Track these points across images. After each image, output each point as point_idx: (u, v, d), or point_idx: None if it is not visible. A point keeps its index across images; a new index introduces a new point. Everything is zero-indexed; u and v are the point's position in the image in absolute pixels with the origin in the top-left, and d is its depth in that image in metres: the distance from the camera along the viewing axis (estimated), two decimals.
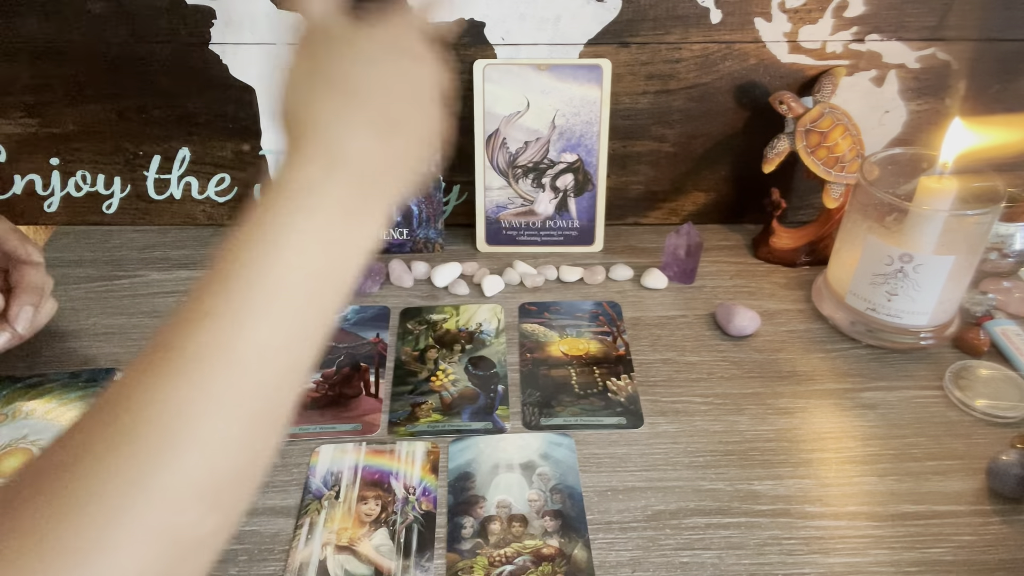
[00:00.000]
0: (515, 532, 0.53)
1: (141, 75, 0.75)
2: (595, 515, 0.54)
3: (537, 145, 0.76)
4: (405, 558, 0.52)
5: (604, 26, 0.72)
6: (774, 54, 0.74)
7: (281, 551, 0.52)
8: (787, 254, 0.78)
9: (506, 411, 0.63)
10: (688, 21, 0.72)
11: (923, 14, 0.72)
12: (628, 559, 0.52)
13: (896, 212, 0.64)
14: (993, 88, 0.76)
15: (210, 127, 0.78)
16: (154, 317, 0.71)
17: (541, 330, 0.70)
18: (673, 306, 0.73)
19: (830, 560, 0.51)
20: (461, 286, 0.75)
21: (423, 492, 0.56)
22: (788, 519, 0.54)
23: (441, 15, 0.46)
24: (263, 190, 0.35)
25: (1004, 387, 0.64)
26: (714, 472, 0.57)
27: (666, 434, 0.61)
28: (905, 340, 0.67)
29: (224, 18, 0.72)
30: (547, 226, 0.79)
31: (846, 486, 0.56)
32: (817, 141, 0.73)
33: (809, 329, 0.71)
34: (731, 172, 0.81)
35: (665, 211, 0.84)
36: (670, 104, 0.77)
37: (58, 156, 0.79)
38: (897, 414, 0.62)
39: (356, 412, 0.63)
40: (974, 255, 0.64)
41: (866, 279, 0.66)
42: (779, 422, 0.61)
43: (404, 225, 0.79)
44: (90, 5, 0.71)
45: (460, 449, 0.59)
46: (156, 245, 0.81)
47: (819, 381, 0.65)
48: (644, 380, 0.65)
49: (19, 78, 0.75)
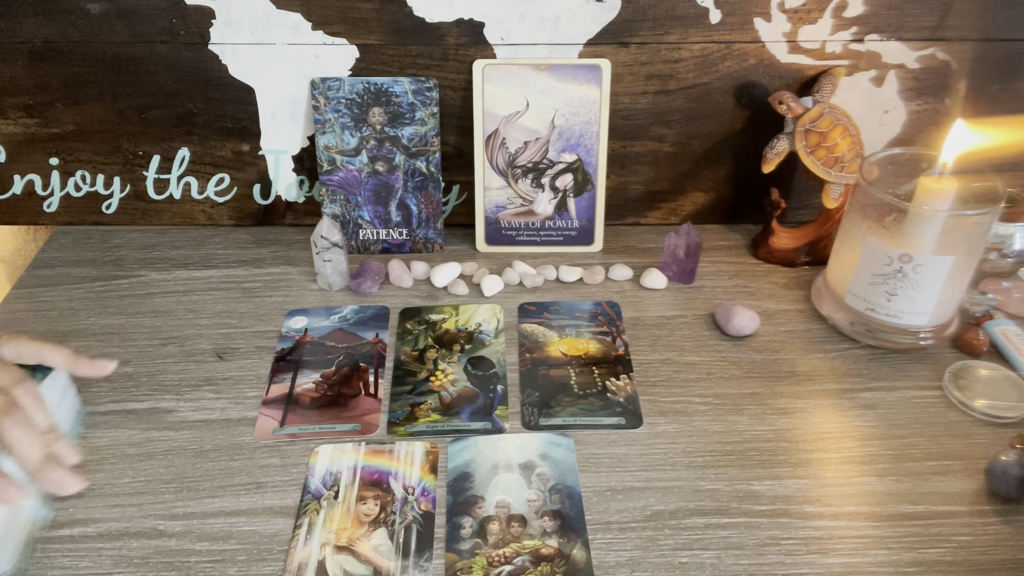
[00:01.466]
0: (514, 532, 0.53)
1: (141, 75, 0.75)
2: (594, 515, 0.54)
3: (536, 145, 0.76)
4: (404, 558, 0.52)
5: (603, 26, 0.72)
6: (773, 54, 0.74)
7: (280, 551, 0.52)
8: (787, 254, 0.78)
9: (505, 411, 0.63)
10: (687, 21, 0.72)
11: (923, 14, 0.72)
12: (627, 559, 0.52)
13: (896, 212, 0.63)
14: (993, 88, 0.76)
15: (210, 127, 0.78)
16: (154, 317, 0.71)
17: (540, 330, 0.70)
18: (672, 306, 0.73)
19: (829, 560, 0.51)
20: (460, 286, 0.75)
21: (422, 492, 0.56)
22: (787, 519, 0.54)
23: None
24: None
25: (1003, 387, 0.64)
26: (713, 472, 0.57)
27: (665, 434, 0.61)
28: (904, 340, 0.67)
29: (224, 18, 0.72)
30: (546, 226, 0.79)
31: (845, 486, 0.56)
32: (816, 141, 0.73)
33: (808, 329, 0.71)
34: (731, 172, 0.81)
35: (664, 211, 0.84)
36: (670, 104, 0.77)
37: (58, 156, 0.79)
38: (896, 414, 0.62)
39: (355, 412, 0.63)
40: (973, 255, 0.64)
41: (865, 279, 0.66)
42: (778, 422, 0.61)
43: (404, 225, 0.79)
44: (90, 5, 0.71)
45: (459, 449, 0.59)
46: (156, 245, 0.81)
47: (818, 381, 0.65)
48: (643, 380, 0.65)
49: (19, 78, 0.75)
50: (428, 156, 0.76)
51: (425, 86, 0.74)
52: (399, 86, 0.74)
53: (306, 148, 0.79)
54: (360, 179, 0.77)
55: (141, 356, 0.67)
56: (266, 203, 0.82)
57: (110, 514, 0.54)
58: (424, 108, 0.74)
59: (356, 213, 0.78)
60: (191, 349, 0.68)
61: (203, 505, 0.55)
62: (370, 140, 0.76)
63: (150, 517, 0.54)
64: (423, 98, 0.74)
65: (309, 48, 0.73)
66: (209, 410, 0.63)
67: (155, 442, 0.60)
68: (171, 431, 0.61)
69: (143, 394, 0.64)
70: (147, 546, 0.52)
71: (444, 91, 0.75)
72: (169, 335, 0.70)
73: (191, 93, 0.76)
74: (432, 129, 0.75)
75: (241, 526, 0.54)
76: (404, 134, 0.75)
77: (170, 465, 0.58)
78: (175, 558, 0.52)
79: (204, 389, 0.64)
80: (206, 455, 0.59)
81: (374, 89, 0.74)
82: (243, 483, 0.57)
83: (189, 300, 0.73)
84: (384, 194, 0.77)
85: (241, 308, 0.73)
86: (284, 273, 0.77)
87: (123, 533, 0.53)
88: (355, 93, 0.74)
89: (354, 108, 0.74)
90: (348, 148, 0.76)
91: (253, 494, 0.56)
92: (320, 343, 0.69)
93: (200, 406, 0.63)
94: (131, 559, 0.52)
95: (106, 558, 0.52)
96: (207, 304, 0.73)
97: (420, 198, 0.78)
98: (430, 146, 0.76)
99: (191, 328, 0.70)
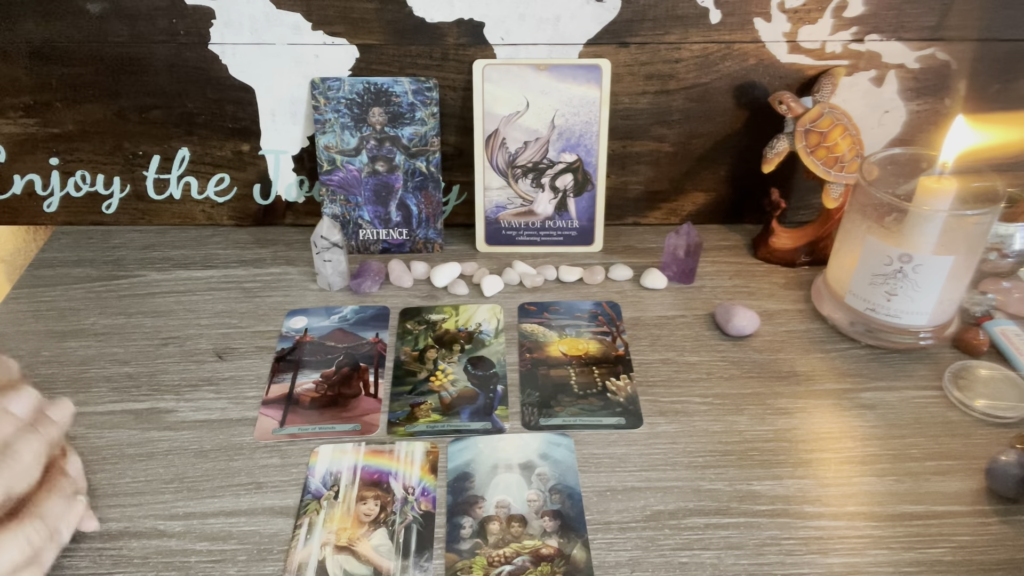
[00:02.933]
0: (514, 532, 0.53)
1: (141, 75, 0.75)
2: (594, 515, 0.54)
3: (536, 145, 0.76)
4: (404, 558, 0.52)
5: (603, 26, 0.72)
6: (773, 54, 0.74)
7: (280, 551, 0.52)
8: (787, 254, 0.78)
9: (505, 411, 0.63)
10: (687, 21, 0.72)
11: (923, 14, 0.72)
12: (627, 559, 0.52)
13: (896, 212, 0.63)
14: (993, 88, 0.76)
15: (209, 127, 0.78)
16: (154, 317, 0.71)
17: (540, 330, 0.70)
18: (672, 306, 0.73)
19: (829, 560, 0.51)
20: (460, 286, 0.75)
21: (422, 492, 0.56)
22: (787, 519, 0.54)
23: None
24: None
25: (1003, 387, 0.64)
26: (713, 472, 0.57)
27: (665, 434, 0.61)
28: (904, 340, 0.67)
29: (224, 18, 0.72)
30: (546, 226, 0.79)
31: (845, 486, 0.56)
32: (816, 141, 0.73)
33: (808, 329, 0.71)
34: (731, 172, 0.81)
35: (665, 211, 0.84)
36: (670, 104, 0.77)
37: (57, 156, 0.79)
38: (896, 414, 0.62)
39: (355, 412, 0.63)
40: (973, 255, 0.64)
41: (865, 279, 0.66)
42: (778, 422, 0.61)
43: (404, 225, 0.79)
44: (90, 5, 0.71)
45: (459, 449, 0.59)
46: (156, 245, 0.81)
47: (818, 381, 0.65)
48: (643, 380, 0.65)
49: (19, 78, 0.75)
50: (428, 156, 0.76)
51: (425, 86, 0.74)
52: (399, 86, 0.74)
53: (306, 148, 0.79)
54: (360, 179, 0.77)
55: (141, 356, 0.67)
56: (266, 203, 0.82)
57: (110, 514, 0.54)
58: (424, 108, 0.75)
59: (356, 213, 0.78)
60: (191, 349, 0.68)
61: (203, 505, 0.55)
62: (370, 140, 0.76)
63: (150, 517, 0.54)
64: (423, 98, 0.74)
65: (309, 48, 0.73)
66: (209, 410, 0.63)
67: (155, 442, 0.60)
68: (171, 431, 0.61)
69: (143, 394, 0.64)
70: (147, 546, 0.52)
71: (444, 91, 0.75)
72: (169, 335, 0.70)
73: (191, 93, 0.76)
74: (432, 129, 0.75)
75: (241, 526, 0.54)
76: (404, 134, 0.75)
77: (170, 465, 0.58)
78: (175, 558, 0.52)
79: (204, 389, 0.64)
80: (206, 455, 0.59)
81: (374, 89, 0.74)
82: (243, 483, 0.57)
83: (189, 300, 0.73)
84: (384, 194, 0.77)
85: (241, 308, 0.73)
86: (284, 273, 0.77)
87: (123, 533, 0.53)
88: (355, 93, 0.74)
89: (354, 108, 0.74)
90: (348, 148, 0.76)
91: (253, 494, 0.56)
92: (320, 343, 0.69)
93: (200, 406, 0.63)
94: (131, 559, 0.52)
95: (106, 558, 0.52)
96: (207, 304, 0.73)
97: (420, 198, 0.78)
98: (430, 146, 0.76)
99: (191, 328, 0.70)
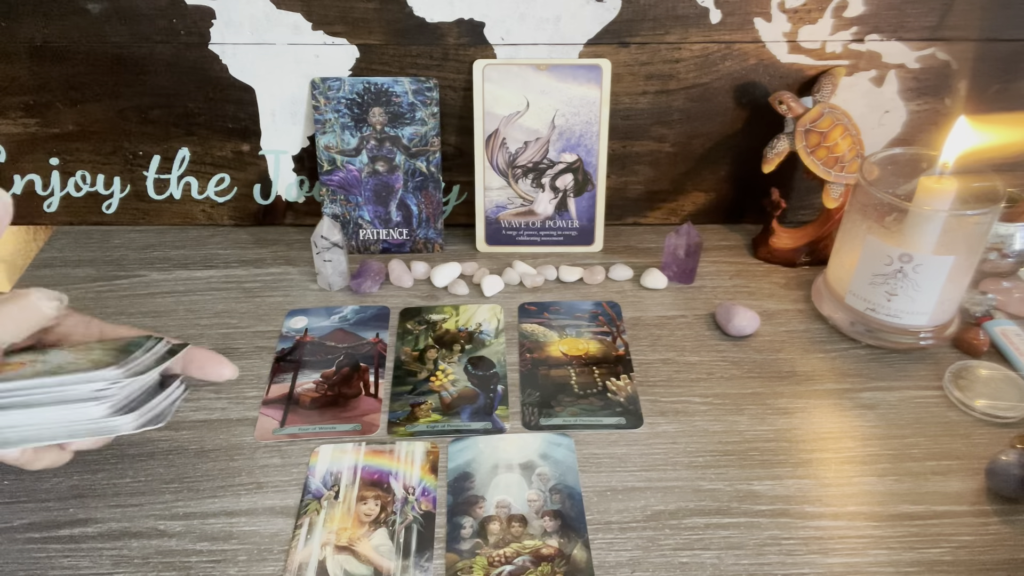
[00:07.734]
0: (514, 532, 0.53)
1: (141, 75, 0.75)
2: (594, 515, 0.54)
3: (537, 145, 0.76)
4: (404, 558, 0.52)
5: (604, 26, 0.72)
6: (774, 54, 0.74)
7: (280, 551, 0.52)
8: (787, 254, 0.78)
9: (505, 411, 0.63)
10: (688, 21, 0.72)
11: (923, 14, 0.72)
12: (627, 559, 0.52)
13: (896, 212, 0.63)
14: (993, 88, 0.76)
15: (210, 127, 0.78)
16: (154, 317, 0.71)
17: (541, 330, 0.70)
18: (673, 306, 0.73)
19: (829, 560, 0.51)
20: (461, 286, 0.75)
21: (422, 492, 0.56)
22: (787, 519, 0.54)
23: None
24: None
25: (1004, 387, 0.64)
26: (713, 472, 0.57)
27: (665, 434, 0.61)
28: (905, 340, 0.67)
29: (224, 18, 0.72)
30: (547, 226, 0.79)
31: (845, 486, 0.56)
32: (817, 141, 0.73)
33: (809, 329, 0.71)
34: (731, 172, 0.81)
35: (665, 211, 0.84)
36: (670, 104, 0.77)
37: (58, 156, 0.79)
38: (897, 414, 0.62)
39: (355, 412, 0.63)
40: (974, 255, 0.64)
41: (866, 279, 0.66)
42: (778, 422, 0.61)
43: (404, 225, 0.79)
44: (90, 5, 0.71)
45: (459, 449, 0.59)
46: (156, 245, 0.81)
47: (819, 381, 0.65)
48: (643, 380, 0.65)
49: (19, 78, 0.75)
50: (428, 156, 0.76)
51: (425, 86, 0.74)
52: (399, 86, 0.74)
53: (306, 148, 0.79)
54: (360, 179, 0.77)
55: None
56: (266, 203, 0.82)
57: (110, 514, 0.54)
58: (424, 108, 0.75)
59: (356, 213, 0.78)
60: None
61: (203, 505, 0.55)
62: (370, 140, 0.76)
63: (150, 517, 0.54)
64: (423, 98, 0.74)
65: (309, 48, 0.73)
66: (209, 410, 0.63)
67: (155, 442, 0.60)
68: (171, 431, 0.61)
69: None
70: (147, 546, 0.52)
71: (444, 91, 0.75)
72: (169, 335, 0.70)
73: (191, 93, 0.76)
74: (432, 129, 0.75)
75: (241, 526, 0.54)
76: (404, 134, 0.75)
77: (170, 465, 0.58)
78: (175, 558, 0.52)
79: (204, 389, 0.64)
80: (206, 455, 0.59)
81: (374, 89, 0.74)
82: (243, 483, 0.57)
83: (189, 300, 0.73)
84: (384, 194, 0.77)
85: (241, 308, 0.73)
86: (284, 273, 0.77)
87: (123, 533, 0.53)
88: (355, 93, 0.74)
89: (354, 108, 0.74)
90: (348, 148, 0.76)
91: (253, 494, 0.56)
92: (320, 343, 0.69)
93: (200, 406, 0.63)
94: (131, 559, 0.52)
95: (106, 558, 0.52)
96: (207, 304, 0.73)
97: (420, 198, 0.78)
98: (430, 146, 0.76)
99: (191, 328, 0.70)
